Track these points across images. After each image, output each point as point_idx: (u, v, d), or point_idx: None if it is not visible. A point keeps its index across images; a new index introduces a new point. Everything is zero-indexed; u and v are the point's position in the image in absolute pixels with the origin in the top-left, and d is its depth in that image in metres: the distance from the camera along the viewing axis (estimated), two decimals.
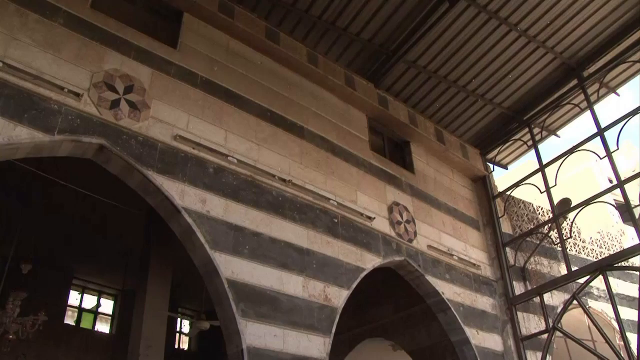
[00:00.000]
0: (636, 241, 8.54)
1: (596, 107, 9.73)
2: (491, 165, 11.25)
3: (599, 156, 9.70)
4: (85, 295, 14.84)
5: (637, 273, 8.48)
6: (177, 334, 16.18)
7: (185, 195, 5.88)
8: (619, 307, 8.46)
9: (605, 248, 12.65)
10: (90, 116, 5.51)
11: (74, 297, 14.56)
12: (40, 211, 10.69)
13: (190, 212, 5.84)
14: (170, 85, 6.43)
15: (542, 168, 10.02)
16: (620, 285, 11.48)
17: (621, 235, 14.04)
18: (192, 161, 6.14)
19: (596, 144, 9.67)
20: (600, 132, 9.27)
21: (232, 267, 5.86)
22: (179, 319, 16.08)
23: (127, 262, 12.12)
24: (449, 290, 8.59)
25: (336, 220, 7.29)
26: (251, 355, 5.59)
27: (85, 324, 14.73)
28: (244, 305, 5.76)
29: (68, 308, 14.23)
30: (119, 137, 5.64)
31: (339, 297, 6.72)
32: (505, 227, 10.51)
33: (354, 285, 7.00)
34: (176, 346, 15.95)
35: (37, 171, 7.88)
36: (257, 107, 7.28)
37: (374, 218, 7.85)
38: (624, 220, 16.31)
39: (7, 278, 9.62)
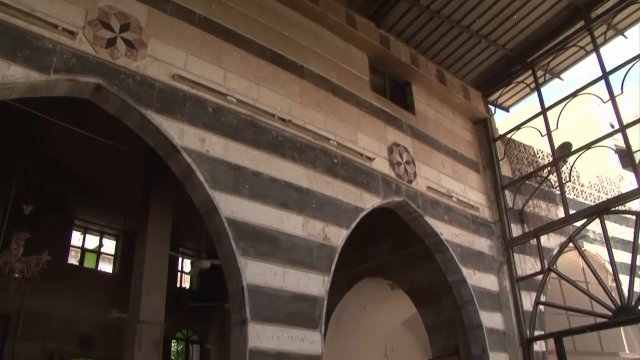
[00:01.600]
0: (634, 186, 8.56)
1: (602, 50, 9.53)
2: (493, 108, 11.14)
3: (602, 100, 9.60)
4: (87, 235, 15.05)
5: (634, 217, 8.54)
6: (179, 273, 16.51)
7: (184, 135, 5.84)
8: (614, 250, 8.57)
9: (604, 192, 12.70)
10: (86, 55, 5.39)
11: (76, 238, 14.77)
12: (39, 153, 10.67)
13: (190, 151, 5.82)
14: (167, 24, 6.26)
15: (544, 111, 9.93)
16: (615, 229, 11.60)
17: (620, 180, 14.07)
18: (191, 100, 6.07)
19: (600, 88, 9.56)
20: (605, 75, 9.13)
21: (232, 206, 5.89)
22: (180, 258, 16.38)
23: (128, 202, 12.20)
24: (447, 231, 8.68)
25: (336, 161, 7.28)
26: (251, 292, 5.69)
27: (89, 263, 15.00)
28: (244, 243, 5.82)
29: (71, 248, 14.46)
30: (116, 76, 5.54)
31: (338, 236, 6.79)
32: (505, 169, 10.52)
33: (353, 225, 7.06)
34: (178, 285, 16.31)
35: (34, 112, 7.81)
36: (257, 46, 7.13)
37: (374, 158, 7.84)
38: (624, 166, 16.33)
39: (9, 219, 9.71)
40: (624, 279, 8.34)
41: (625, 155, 13.89)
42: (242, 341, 5.53)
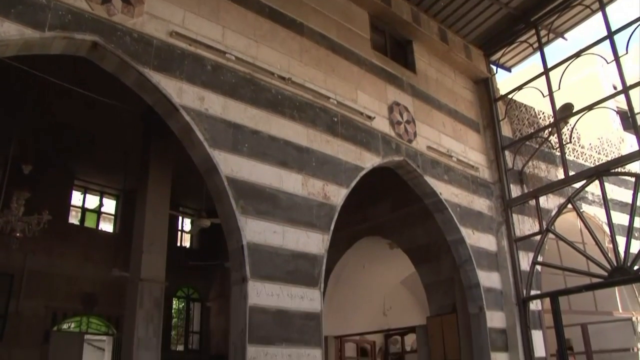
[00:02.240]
0: (635, 148, 8.53)
1: (608, 9, 9.37)
2: (494, 68, 11.03)
3: (606, 60, 9.49)
4: (87, 195, 15.08)
5: (633, 179, 8.55)
6: (179, 232, 16.62)
7: (183, 93, 5.79)
8: (612, 212, 8.61)
9: (604, 154, 12.69)
10: (82, 12, 5.27)
11: (76, 198, 14.80)
12: (37, 113, 10.60)
13: (189, 110, 5.77)
14: None
15: (546, 71, 9.83)
16: (614, 191, 11.64)
17: (620, 143, 14.04)
18: (189, 58, 5.98)
19: (604, 48, 9.43)
20: (610, 35, 8.99)
21: (232, 165, 5.88)
22: (180, 218, 16.46)
23: (128, 162, 12.18)
24: (446, 191, 8.70)
25: (336, 119, 7.24)
26: (251, 250, 5.74)
27: (89, 223, 15.08)
28: (244, 202, 5.84)
29: (72, 208, 14.51)
30: (112, 33, 5.44)
31: (337, 195, 6.80)
32: (506, 130, 10.48)
33: (353, 184, 7.07)
34: (178, 244, 16.44)
35: (30, 70, 7.71)
36: (255, 2, 6.98)
37: (374, 117, 7.79)
38: (625, 128, 16.27)
39: (9, 179, 9.71)
40: (621, 241, 8.41)
41: (626, 117, 13.82)
42: (242, 298, 5.60)
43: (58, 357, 12.83)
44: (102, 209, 15.50)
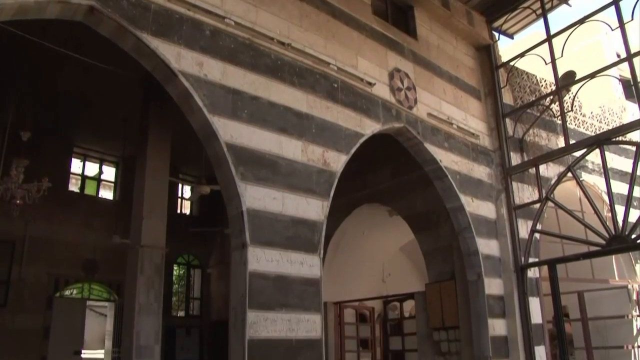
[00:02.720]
0: (637, 117, 8.49)
1: None
2: (497, 34, 10.89)
3: (610, 27, 9.37)
4: (87, 163, 15.07)
5: (633, 148, 8.52)
6: (179, 199, 16.67)
7: (181, 59, 5.70)
8: (611, 181, 8.61)
9: (605, 123, 12.63)
10: None
11: (76, 165, 14.80)
12: (35, 80, 10.50)
13: (187, 75, 5.70)
14: None
15: (549, 38, 9.70)
16: (614, 160, 11.63)
17: (622, 112, 13.96)
18: (187, 23, 5.88)
19: (609, 15, 9.29)
20: (616, 0, 8.86)
21: (231, 131, 5.84)
22: (180, 185, 16.49)
23: (127, 128, 12.14)
24: (446, 159, 8.68)
25: (336, 85, 7.17)
26: (251, 216, 5.74)
27: (89, 190, 15.11)
28: (243, 168, 5.82)
29: (71, 176, 14.52)
30: None
31: (337, 161, 6.78)
32: (507, 97, 10.41)
33: (352, 151, 7.04)
34: (178, 211, 16.50)
35: (26, 35, 7.61)
36: None
37: (374, 84, 7.72)
38: (627, 96, 16.17)
39: (8, 147, 9.68)
40: (620, 210, 8.43)
41: (629, 86, 13.71)
42: (242, 264, 5.63)
43: (61, 322, 13.03)
44: (102, 176, 15.52)
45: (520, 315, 9.07)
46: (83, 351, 13.90)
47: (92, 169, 15.59)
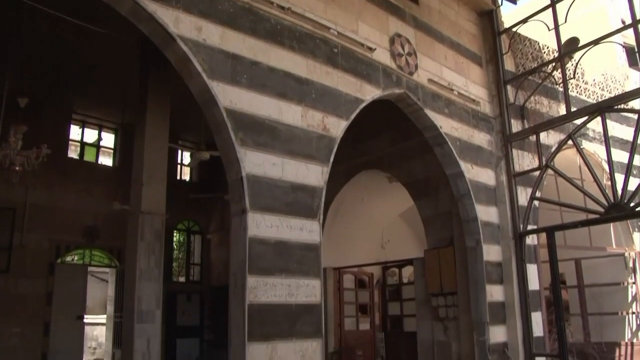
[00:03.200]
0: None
1: None
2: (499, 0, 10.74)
3: None
4: (86, 129, 14.99)
5: (635, 116, 8.47)
6: (179, 166, 16.66)
7: (179, 23, 5.61)
8: (612, 149, 8.58)
9: (607, 91, 12.53)
10: None
11: (75, 132, 14.73)
12: (32, 45, 10.37)
13: (186, 40, 5.62)
14: None
15: (553, 4, 9.54)
16: (615, 128, 11.59)
17: (625, 79, 13.85)
18: None
19: None
20: None
21: (230, 96, 5.80)
22: (179, 151, 16.47)
23: (126, 94, 12.06)
24: (446, 125, 8.64)
25: (336, 51, 7.08)
26: (250, 182, 5.74)
27: (89, 157, 15.08)
28: (243, 134, 5.79)
29: (70, 142, 14.47)
30: None
31: (337, 127, 6.74)
32: (509, 64, 10.31)
33: (352, 116, 7.00)
34: (178, 177, 16.51)
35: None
36: None
37: (375, 49, 7.63)
38: (631, 64, 16.04)
39: (5, 113, 9.61)
40: (619, 178, 8.42)
41: (632, 53, 13.59)
42: (242, 230, 5.65)
43: (63, 288, 13.15)
44: (101, 143, 15.48)
45: (517, 282, 9.15)
46: (85, 316, 14.05)
47: (91, 135, 15.53)
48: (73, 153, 14.75)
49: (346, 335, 12.12)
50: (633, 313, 11.54)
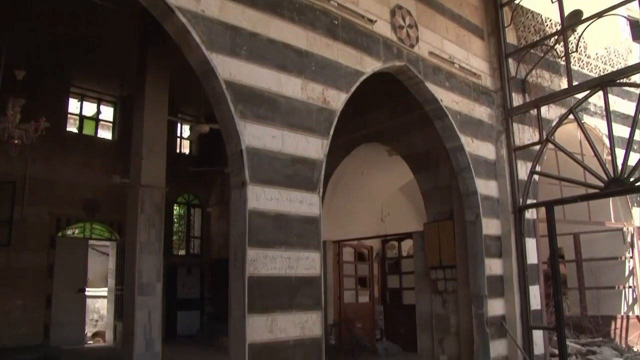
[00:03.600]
0: None
1: None
2: None
3: None
4: (84, 102, 14.91)
5: (637, 90, 8.42)
6: (178, 139, 16.61)
7: None
8: (613, 124, 8.53)
9: (610, 65, 12.43)
10: None
11: (73, 105, 14.65)
12: (29, 17, 10.25)
13: (184, 11, 5.54)
14: None
15: None
16: (617, 103, 11.52)
17: (628, 53, 13.71)
18: None
19: None
20: None
21: (230, 68, 5.74)
22: (179, 124, 16.40)
23: (124, 67, 11.96)
24: (447, 98, 8.59)
25: (336, 22, 6.99)
26: (250, 155, 5.72)
27: (88, 130, 15.01)
28: (242, 106, 5.75)
29: (69, 116, 14.40)
30: None
31: (337, 100, 6.70)
32: (510, 37, 10.21)
33: (352, 89, 6.94)
34: (178, 151, 16.47)
35: None
36: None
37: (376, 21, 7.53)
38: (634, 38, 15.84)
39: (3, 87, 9.55)
40: (620, 153, 8.40)
41: (637, 27, 13.43)
42: (242, 203, 5.65)
43: (64, 261, 13.23)
44: (100, 116, 15.41)
45: (516, 256, 9.21)
46: (86, 289, 14.16)
47: (90, 108, 15.46)
48: (72, 126, 14.69)
49: (345, 308, 12.24)
50: (629, 287, 11.64)
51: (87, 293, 14.24)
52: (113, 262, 14.75)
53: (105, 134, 15.54)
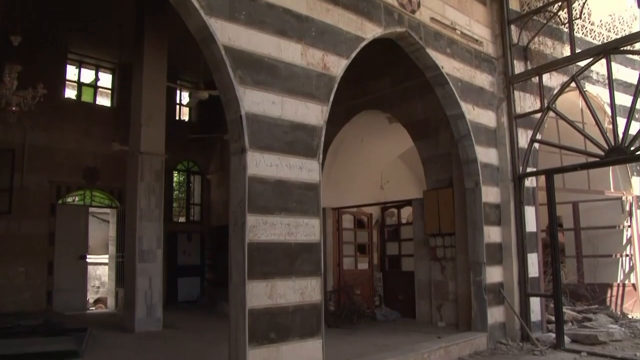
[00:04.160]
0: None
1: None
2: None
3: None
4: (82, 69, 14.78)
5: None
6: (177, 106, 16.53)
7: None
8: (615, 93, 8.46)
9: (614, 32, 12.25)
10: None
11: (71, 72, 14.53)
12: None
13: None
14: None
15: None
16: (620, 71, 11.40)
17: (633, 21, 13.51)
18: None
19: None
20: None
21: (229, 34, 5.66)
22: (178, 91, 16.30)
23: (122, 34, 11.82)
24: (448, 65, 8.50)
25: None
26: (250, 121, 5.69)
27: (86, 98, 14.93)
28: (242, 72, 5.69)
29: (68, 83, 14.30)
30: None
31: (337, 65, 6.62)
32: (513, 3, 10.04)
33: (353, 55, 6.85)
34: (177, 117, 16.41)
35: None
36: None
37: None
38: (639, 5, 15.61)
39: None
40: (621, 122, 8.36)
41: None
42: (242, 169, 5.63)
43: (65, 228, 13.32)
44: (99, 83, 15.30)
45: (515, 224, 9.24)
46: (88, 256, 14.27)
47: (88, 75, 15.34)
48: (70, 94, 14.60)
49: (345, 275, 12.34)
50: (626, 255, 11.72)
51: (88, 260, 14.35)
52: (114, 229, 14.84)
53: (104, 101, 15.46)
